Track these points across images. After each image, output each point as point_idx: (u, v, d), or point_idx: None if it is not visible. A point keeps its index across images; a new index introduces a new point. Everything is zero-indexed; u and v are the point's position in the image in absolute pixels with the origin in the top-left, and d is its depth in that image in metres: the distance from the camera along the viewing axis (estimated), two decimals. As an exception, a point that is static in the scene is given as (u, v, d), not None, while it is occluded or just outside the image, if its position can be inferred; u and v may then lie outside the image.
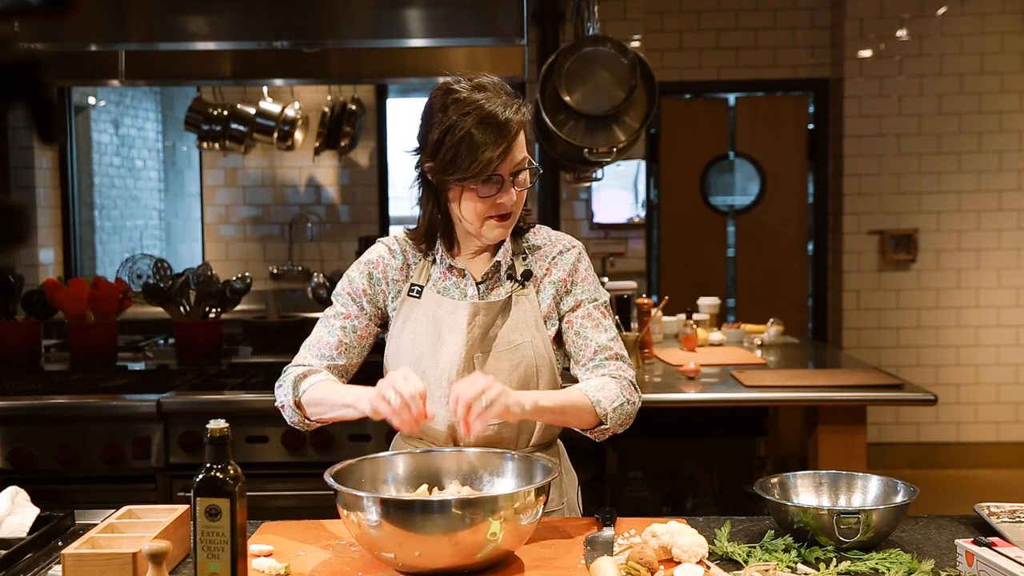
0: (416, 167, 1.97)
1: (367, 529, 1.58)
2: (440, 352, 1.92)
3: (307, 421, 1.93)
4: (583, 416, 1.88)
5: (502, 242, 1.96)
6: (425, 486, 1.79)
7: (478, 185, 1.85)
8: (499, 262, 1.96)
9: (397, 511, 1.57)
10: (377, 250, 2.01)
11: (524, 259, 1.98)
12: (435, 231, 1.96)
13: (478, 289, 1.95)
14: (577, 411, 1.87)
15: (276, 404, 1.96)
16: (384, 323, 2.02)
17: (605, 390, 1.89)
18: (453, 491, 1.77)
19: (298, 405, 1.91)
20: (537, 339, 1.95)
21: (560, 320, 1.99)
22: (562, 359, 2.03)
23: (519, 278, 1.96)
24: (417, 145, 1.95)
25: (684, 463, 3.96)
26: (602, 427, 1.90)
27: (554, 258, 1.99)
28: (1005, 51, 5.97)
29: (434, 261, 1.98)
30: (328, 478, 1.65)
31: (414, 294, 1.96)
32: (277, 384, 1.97)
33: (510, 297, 1.95)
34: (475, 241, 1.96)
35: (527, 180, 1.90)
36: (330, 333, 1.97)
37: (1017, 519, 1.82)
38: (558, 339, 2.00)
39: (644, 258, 6.12)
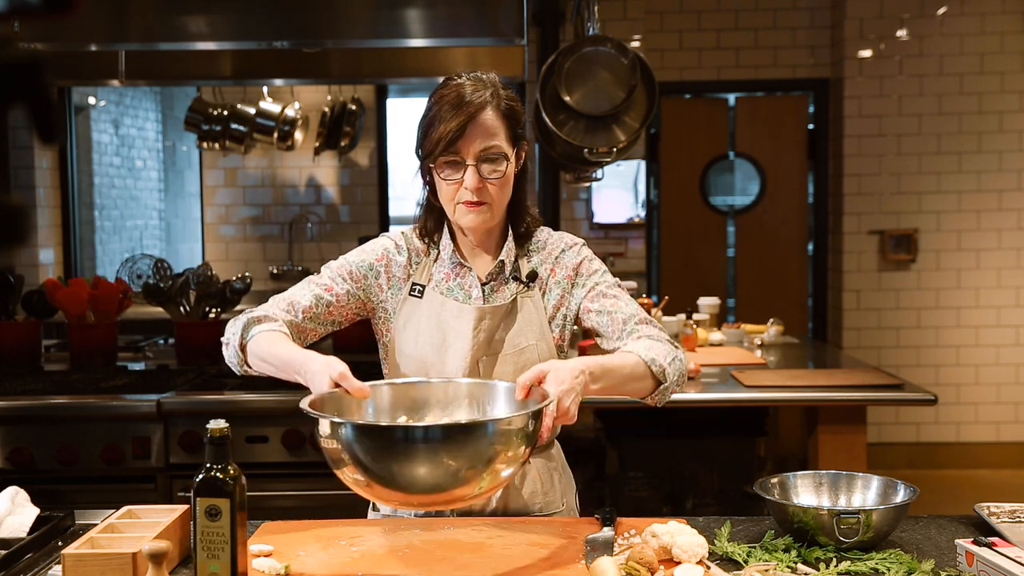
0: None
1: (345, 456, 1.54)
2: (445, 356, 1.90)
3: (246, 367, 1.88)
4: (641, 380, 1.82)
5: (504, 242, 1.94)
6: (404, 416, 1.76)
7: (441, 166, 1.86)
8: (503, 262, 1.94)
9: (371, 439, 1.52)
10: (383, 243, 1.99)
11: (529, 260, 1.97)
12: (430, 223, 1.96)
13: (483, 290, 1.93)
14: (634, 374, 1.80)
15: (222, 339, 1.91)
16: (365, 315, 1.99)
17: (654, 348, 1.84)
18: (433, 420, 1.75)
19: (242, 348, 1.86)
20: (543, 343, 1.93)
21: (577, 312, 1.96)
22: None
23: (524, 280, 1.94)
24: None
25: (684, 463, 3.96)
26: (662, 387, 1.84)
27: (556, 258, 1.97)
28: (1005, 51, 5.97)
29: (436, 259, 1.96)
30: (304, 406, 1.61)
31: (416, 293, 1.94)
32: (229, 322, 1.91)
33: (515, 299, 1.93)
34: (469, 237, 1.95)
35: (497, 170, 1.85)
36: (304, 296, 1.93)
37: (1017, 519, 1.82)
38: (565, 338, 1.99)
39: (644, 258, 6.12)
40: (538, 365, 1.70)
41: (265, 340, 1.82)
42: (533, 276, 1.95)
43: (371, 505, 2.09)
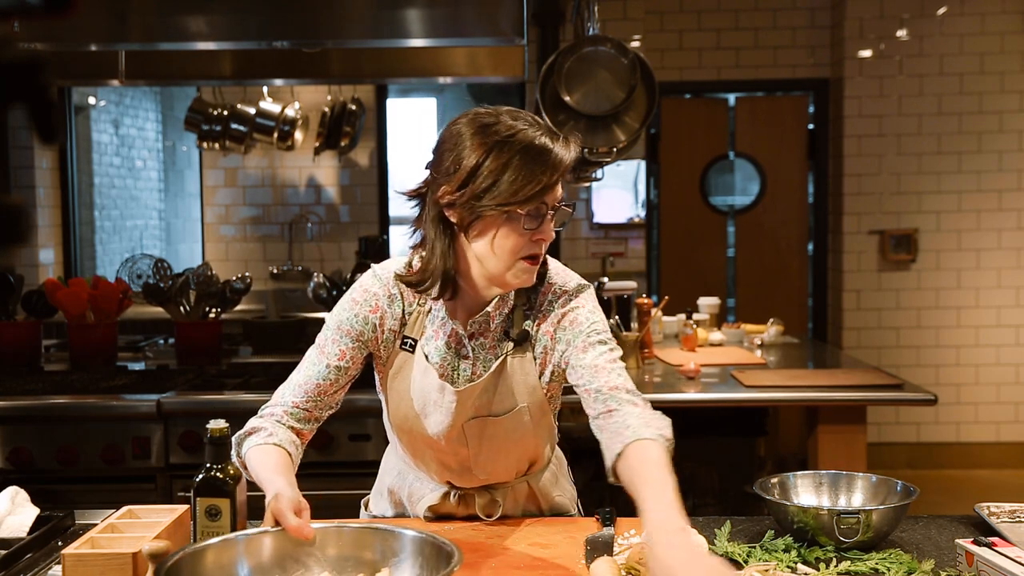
0: (419, 205, 1.78)
1: None
2: (427, 421, 1.81)
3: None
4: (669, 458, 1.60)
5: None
6: None
7: (523, 216, 1.65)
8: (489, 313, 1.77)
9: None
10: (374, 292, 1.81)
11: (525, 315, 1.80)
12: (451, 277, 1.73)
13: (472, 349, 1.79)
14: (669, 461, 1.57)
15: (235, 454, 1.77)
16: (367, 361, 1.87)
17: (652, 422, 1.64)
18: None
19: (243, 464, 1.72)
20: (533, 402, 1.81)
21: (559, 363, 1.79)
22: (557, 404, 1.90)
23: (515, 339, 1.79)
24: (432, 177, 1.73)
25: (684, 463, 3.95)
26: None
27: (543, 309, 1.80)
28: (1005, 51, 5.97)
29: (428, 311, 1.81)
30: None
31: (407, 348, 1.81)
32: (236, 438, 1.76)
33: (503, 363, 1.78)
34: (481, 293, 1.76)
35: (561, 219, 1.72)
36: (321, 375, 1.79)
37: (1017, 519, 1.82)
38: (556, 390, 1.88)
39: (644, 258, 6.12)
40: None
41: (254, 458, 1.69)
42: (524, 336, 1.79)
43: (363, 505, 2.08)
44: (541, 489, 1.97)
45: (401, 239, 7.24)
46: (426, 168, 1.77)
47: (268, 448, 1.70)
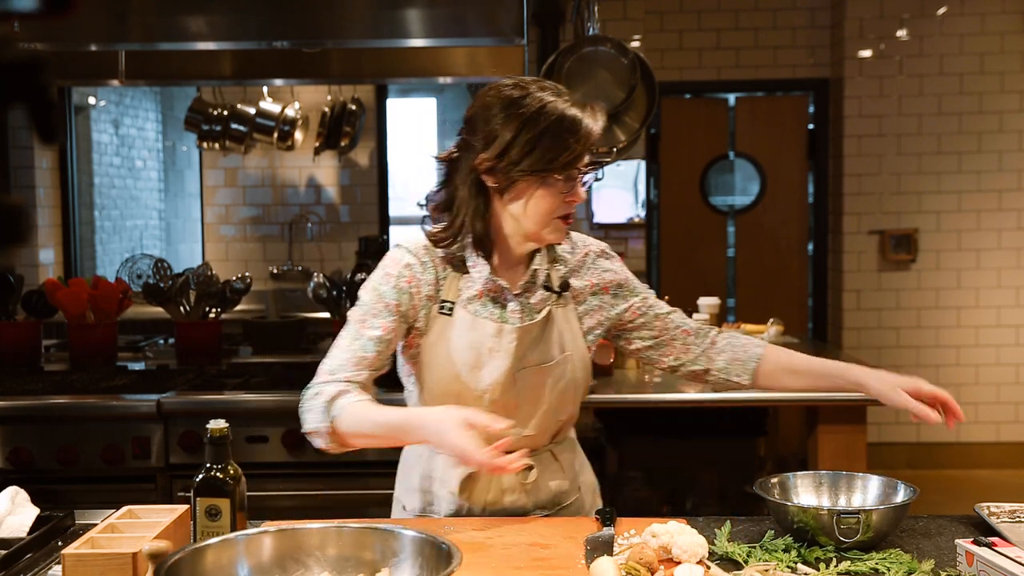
0: (446, 169, 1.89)
1: None
2: (480, 373, 1.86)
3: (343, 447, 1.81)
4: None
5: (535, 252, 1.92)
6: None
7: (559, 179, 1.80)
8: (536, 270, 1.91)
9: None
10: (405, 261, 1.89)
11: (558, 268, 1.94)
12: (484, 239, 1.86)
13: (517, 303, 1.89)
14: None
15: (305, 430, 1.81)
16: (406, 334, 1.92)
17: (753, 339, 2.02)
18: None
19: (333, 431, 1.77)
20: (576, 353, 1.93)
21: (621, 321, 1.98)
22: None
23: (557, 290, 1.92)
24: (466, 145, 1.85)
25: (684, 463, 3.96)
26: None
27: (589, 267, 1.98)
28: (1005, 51, 5.97)
29: (464, 274, 1.89)
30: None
31: (445, 311, 1.88)
32: (303, 407, 1.82)
33: (550, 312, 1.91)
34: (515, 251, 1.90)
35: (590, 182, 1.89)
36: (366, 347, 1.84)
37: (1017, 519, 1.82)
38: (592, 349, 2.00)
39: (644, 258, 6.12)
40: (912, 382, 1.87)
41: (355, 414, 1.76)
42: (565, 287, 1.94)
43: (398, 507, 2.08)
44: (565, 462, 2.01)
45: (401, 239, 7.24)
46: (458, 135, 1.89)
47: (366, 403, 1.78)
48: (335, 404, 1.77)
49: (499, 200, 1.85)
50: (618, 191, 6.16)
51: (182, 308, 3.71)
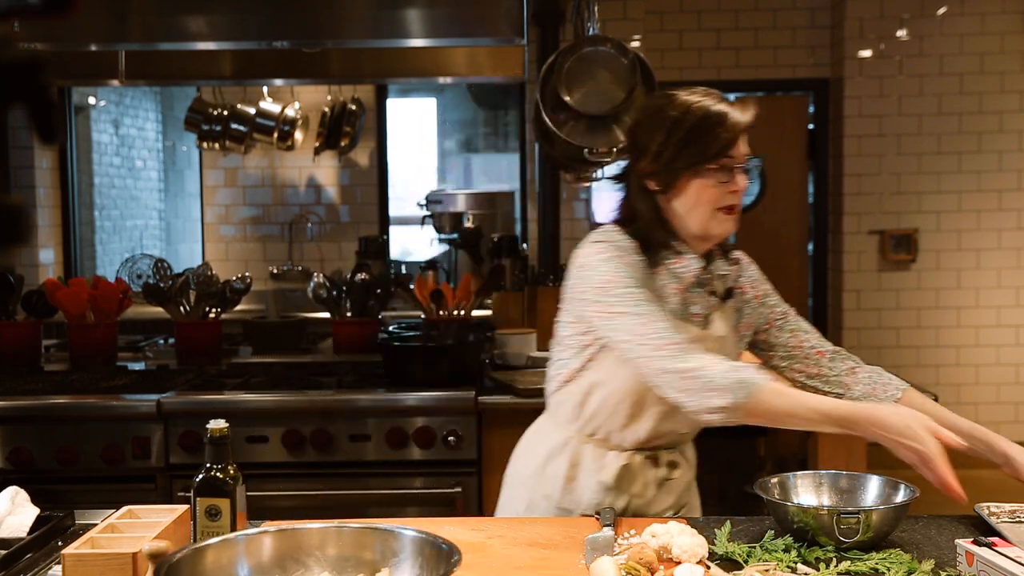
0: (625, 189, 2.02)
1: None
2: None
3: (746, 419, 1.78)
4: None
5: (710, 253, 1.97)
6: None
7: (714, 171, 1.87)
8: (711, 272, 1.97)
9: None
10: (623, 246, 1.93)
11: (724, 276, 2.01)
12: (661, 238, 1.93)
13: (697, 304, 1.96)
14: None
15: (704, 406, 1.74)
16: None
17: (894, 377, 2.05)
18: None
19: (746, 407, 1.73)
20: (734, 355, 1.98)
21: (759, 330, 2.07)
22: None
23: (722, 296, 2.00)
24: (630, 159, 1.98)
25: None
26: None
27: (744, 274, 2.07)
28: (1005, 51, 5.97)
29: (653, 274, 1.93)
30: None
31: None
32: (703, 386, 1.74)
33: (719, 312, 1.99)
34: (692, 249, 1.95)
35: (750, 177, 1.93)
36: (658, 312, 1.84)
37: (1017, 519, 1.82)
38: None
39: (644, 258, 6.11)
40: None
41: (780, 393, 1.76)
42: (729, 294, 2.01)
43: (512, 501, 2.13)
44: (691, 460, 2.15)
45: (401, 239, 7.25)
46: (622, 153, 2.11)
47: (778, 384, 1.81)
48: (753, 384, 1.73)
49: (666, 202, 1.93)
50: (618, 191, 6.16)
51: (182, 308, 3.71)
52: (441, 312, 3.78)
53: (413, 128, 7.77)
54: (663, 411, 1.94)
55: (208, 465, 1.66)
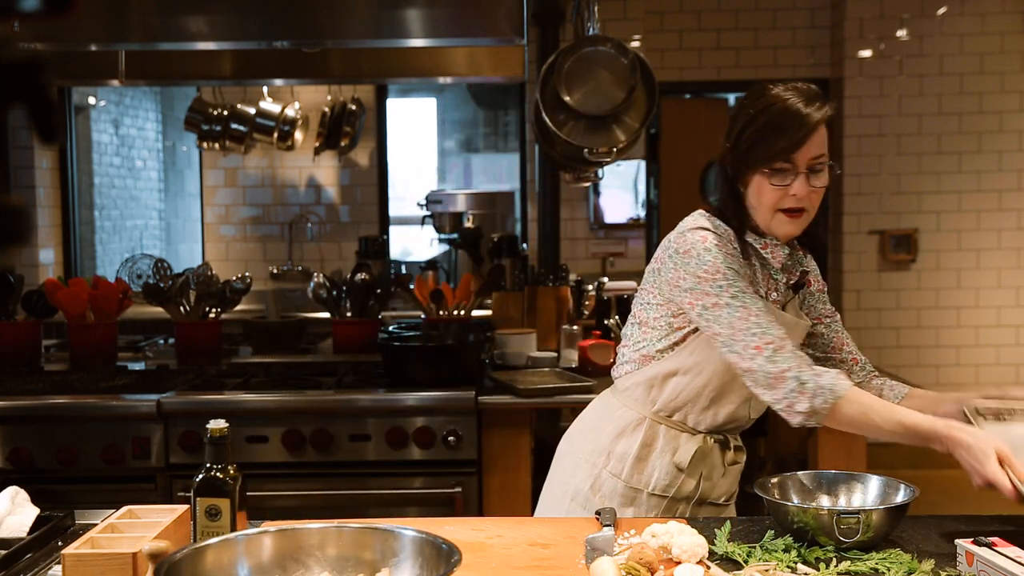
0: (719, 175, 2.03)
1: None
2: None
3: (828, 423, 1.83)
4: None
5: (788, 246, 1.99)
6: None
7: (770, 173, 1.87)
8: (788, 265, 1.99)
9: None
10: (718, 234, 1.93)
11: (800, 268, 2.03)
12: (740, 224, 1.95)
13: (777, 293, 1.99)
14: None
15: (790, 408, 1.81)
16: None
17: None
18: None
19: (826, 413, 1.79)
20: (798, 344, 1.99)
21: (814, 321, 2.08)
22: None
23: (793, 288, 2.02)
24: (727, 144, 1.99)
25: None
26: None
27: (811, 265, 2.07)
28: (1005, 51, 5.97)
29: (747, 261, 1.96)
30: None
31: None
32: (792, 387, 1.80)
33: (792, 302, 2.03)
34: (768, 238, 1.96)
35: (822, 180, 1.90)
36: (766, 308, 1.88)
37: (1002, 418, 1.84)
38: None
39: (644, 258, 6.11)
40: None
41: (863, 403, 1.81)
42: (800, 285, 2.03)
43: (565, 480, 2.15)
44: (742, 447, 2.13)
45: (401, 239, 7.25)
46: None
47: (859, 390, 1.84)
48: (836, 388, 1.79)
49: (743, 192, 1.94)
50: (618, 191, 6.16)
51: (182, 308, 3.71)
52: (441, 312, 3.78)
53: (413, 128, 7.77)
54: (744, 398, 1.99)
55: (208, 465, 1.66)
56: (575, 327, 3.76)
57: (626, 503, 2.02)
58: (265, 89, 5.63)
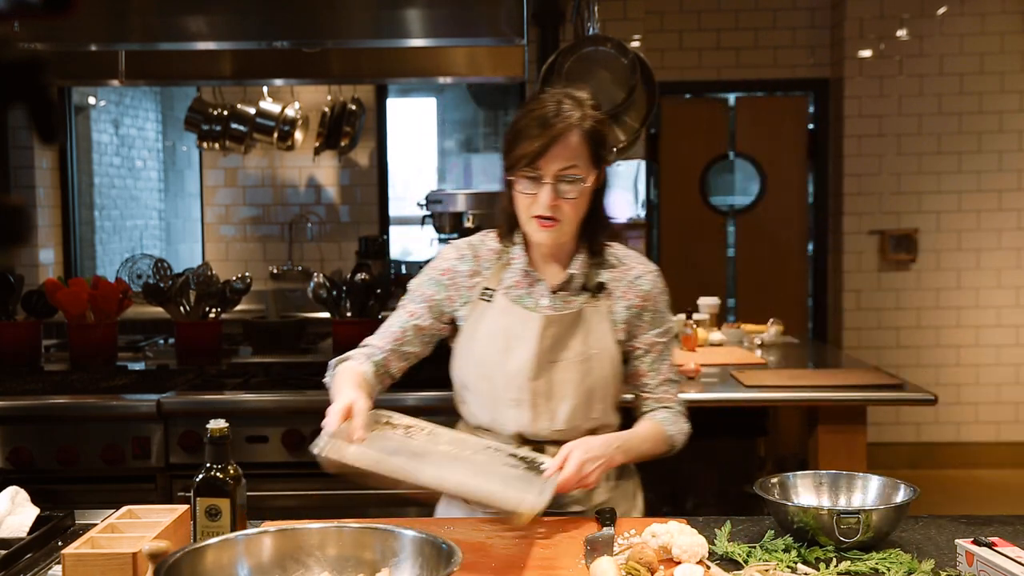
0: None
1: None
2: (509, 358, 1.95)
3: None
4: (656, 449, 2.04)
5: (576, 255, 1.99)
6: None
7: (517, 179, 1.90)
8: (573, 275, 1.99)
9: None
10: (447, 256, 2.05)
11: (599, 275, 2.02)
12: (506, 227, 2.00)
13: (551, 299, 1.98)
14: (655, 447, 2.03)
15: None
16: (451, 323, 2.06)
17: (676, 423, 2.06)
18: None
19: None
20: (606, 353, 1.98)
21: (631, 340, 2.03)
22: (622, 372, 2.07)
23: (592, 289, 2.00)
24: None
25: (684, 463, 3.95)
26: (665, 453, 2.07)
27: (631, 281, 2.04)
28: (1005, 51, 5.97)
29: (507, 265, 2.01)
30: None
31: (486, 298, 2.00)
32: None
33: (582, 309, 1.98)
34: (541, 246, 1.99)
35: (573, 191, 1.90)
36: (397, 324, 2.06)
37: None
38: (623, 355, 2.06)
39: (644, 258, 6.11)
40: (567, 445, 1.87)
41: (337, 376, 1.98)
42: (601, 287, 2.00)
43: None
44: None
45: (401, 239, 7.24)
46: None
47: (351, 372, 1.96)
48: (338, 367, 2.02)
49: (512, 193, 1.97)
50: (618, 191, 6.16)
51: (182, 308, 3.71)
52: (441, 312, 3.78)
53: (413, 128, 7.77)
54: (518, 396, 2.02)
55: (208, 465, 1.66)
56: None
57: None
58: (265, 89, 5.63)
